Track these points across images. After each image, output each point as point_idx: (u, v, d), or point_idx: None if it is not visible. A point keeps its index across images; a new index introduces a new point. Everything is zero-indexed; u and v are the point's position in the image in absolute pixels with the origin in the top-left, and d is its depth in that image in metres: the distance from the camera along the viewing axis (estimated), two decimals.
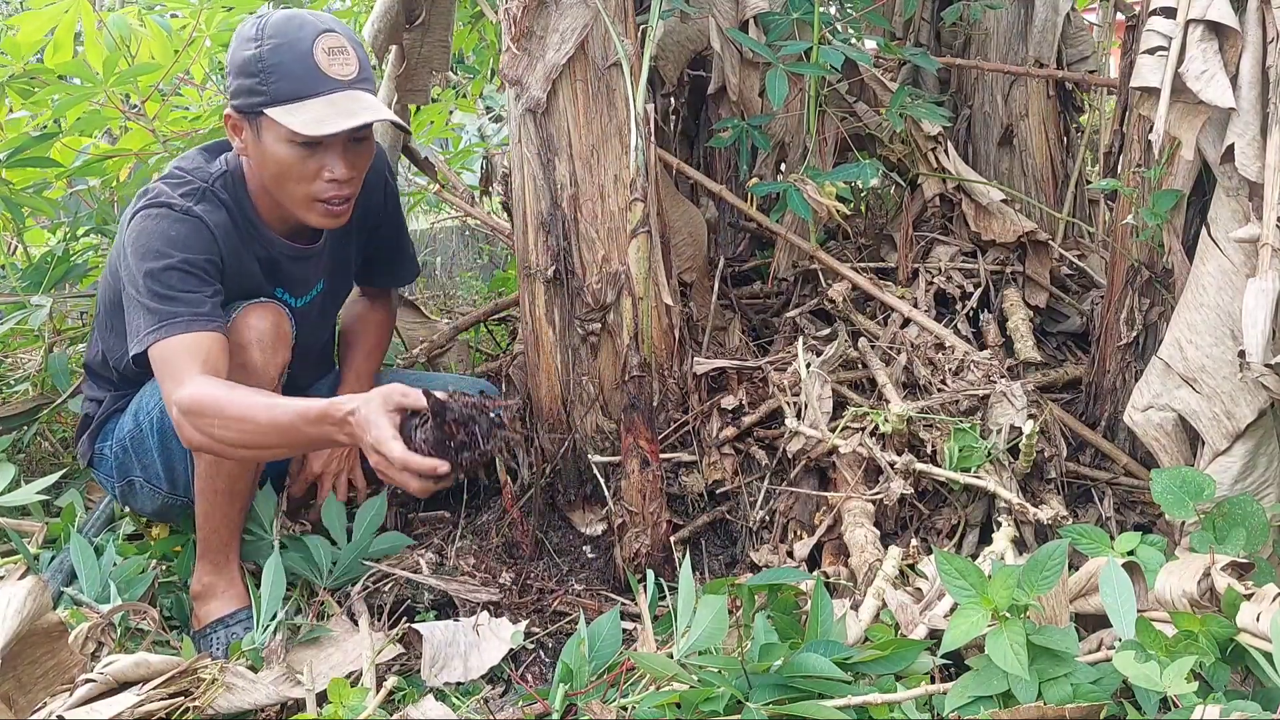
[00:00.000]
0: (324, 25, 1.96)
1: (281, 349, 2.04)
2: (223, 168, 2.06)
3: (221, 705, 1.62)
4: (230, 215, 2.03)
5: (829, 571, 1.98)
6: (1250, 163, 1.73)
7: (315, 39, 1.93)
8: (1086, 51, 2.97)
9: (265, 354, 2.00)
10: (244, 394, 1.81)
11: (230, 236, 2.02)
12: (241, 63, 1.94)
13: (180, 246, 1.93)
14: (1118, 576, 1.57)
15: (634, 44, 2.18)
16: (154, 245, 1.92)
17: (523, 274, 2.32)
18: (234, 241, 2.03)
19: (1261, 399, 1.78)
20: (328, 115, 1.91)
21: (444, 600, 2.08)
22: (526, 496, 2.29)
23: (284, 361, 2.05)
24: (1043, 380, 2.48)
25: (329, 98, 1.93)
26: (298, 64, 1.92)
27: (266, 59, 1.91)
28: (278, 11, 1.98)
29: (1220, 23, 1.73)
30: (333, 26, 1.98)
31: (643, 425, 2.05)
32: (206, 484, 2.04)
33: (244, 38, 1.95)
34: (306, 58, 1.92)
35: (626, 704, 1.59)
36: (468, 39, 3.97)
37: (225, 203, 2.03)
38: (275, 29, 1.93)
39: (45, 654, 1.55)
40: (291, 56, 1.92)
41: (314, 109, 1.92)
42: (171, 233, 1.93)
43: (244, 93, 1.95)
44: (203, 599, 2.05)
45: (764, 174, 2.78)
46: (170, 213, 1.95)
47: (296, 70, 1.92)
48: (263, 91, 1.92)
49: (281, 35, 1.92)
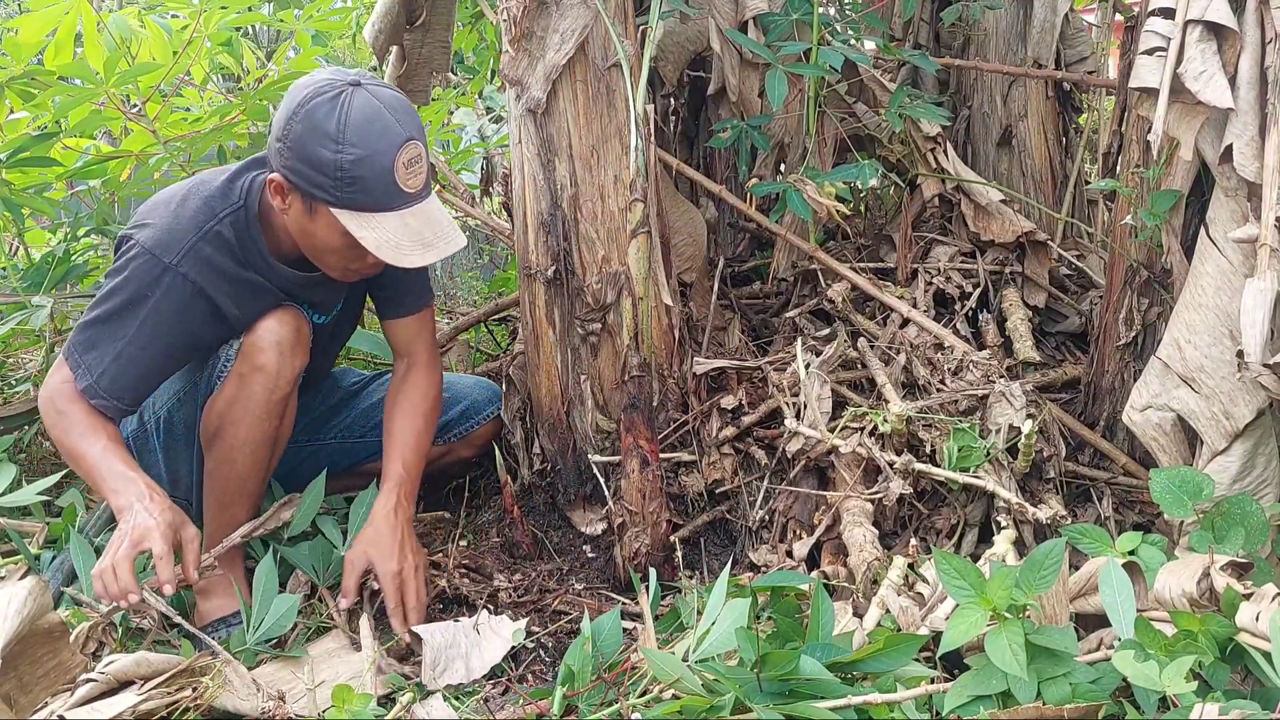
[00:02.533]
0: (407, 133, 1.85)
1: (300, 353, 2.03)
2: (238, 203, 1.98)
3: (223, 703, 1.63)
4: (233, 254, 1.98)
5: (828, 571, 1.98)
6: (1249, 163, 1.73)
7: (398, 152, 1.83)
8: (1085, 52, 2.97)
9: (283, 358, 1.99)
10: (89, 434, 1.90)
11: (227, 274, 1.97)
12: (314, 159, 1.83)
13: (151, 313, 1.92)
14: (1117, 576, 1.58)
15: (634, 45, 2.18)
16: (128, 290, 1.92)
17: (523, 274, 2.32)
18: (233, 275, 1.98)
19: (1260, 399, 1.79)
20: (403, 241, 1.86)
21: (445, 599, 2.09)
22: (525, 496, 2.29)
23: (302, 365, 2.04)
24: (1042, 380, 2.48)
25: (401, 214, 1.87)
26: (378, 181, 1.83)
27: (347, 169, 1.82)
28: (357, 103, 1.83)
29: (1219, 23, 1.74)
30: (413, 134, 1.87)
31: (643, 425, 2.05)
32: (215, 485, 2.05)
33: (319, 130, 1.82)
34: (388, 174, 1.83)
35: (632, 704, 1.60)
36: (468, 39, 3.97)
37: (229, 242, 1.96)
38: (358, 134, 1.81)
39: (46, 654, 1.55)
40: (374, 173, 1.83)
41: (387, 226, 1.86)
42: (147, 292, 1.92)
43: (308, 182, 1.85)
44: (205, 598, 2.05)
45: (764, 174, 2.78)
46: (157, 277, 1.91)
47: (376, 187, 1.84)
48: (335, 195, 1.84)
49: (365, 146, 1.81)
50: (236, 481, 2.03)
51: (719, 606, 1.62)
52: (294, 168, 1.86)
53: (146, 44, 2.94)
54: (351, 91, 1.85)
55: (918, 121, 2.66)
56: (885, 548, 2.03)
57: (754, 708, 1.49)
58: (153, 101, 2.92)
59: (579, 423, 2.30)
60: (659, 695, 1.60)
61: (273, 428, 2.03)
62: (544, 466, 2.38)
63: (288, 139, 1.85)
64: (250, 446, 2.01)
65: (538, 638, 1.97)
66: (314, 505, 2.15)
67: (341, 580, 2.02)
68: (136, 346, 1.92)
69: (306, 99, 1.84)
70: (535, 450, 2.40)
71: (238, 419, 1.99)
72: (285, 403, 2.04)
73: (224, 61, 3.36)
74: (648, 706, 1.58)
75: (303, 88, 1.87)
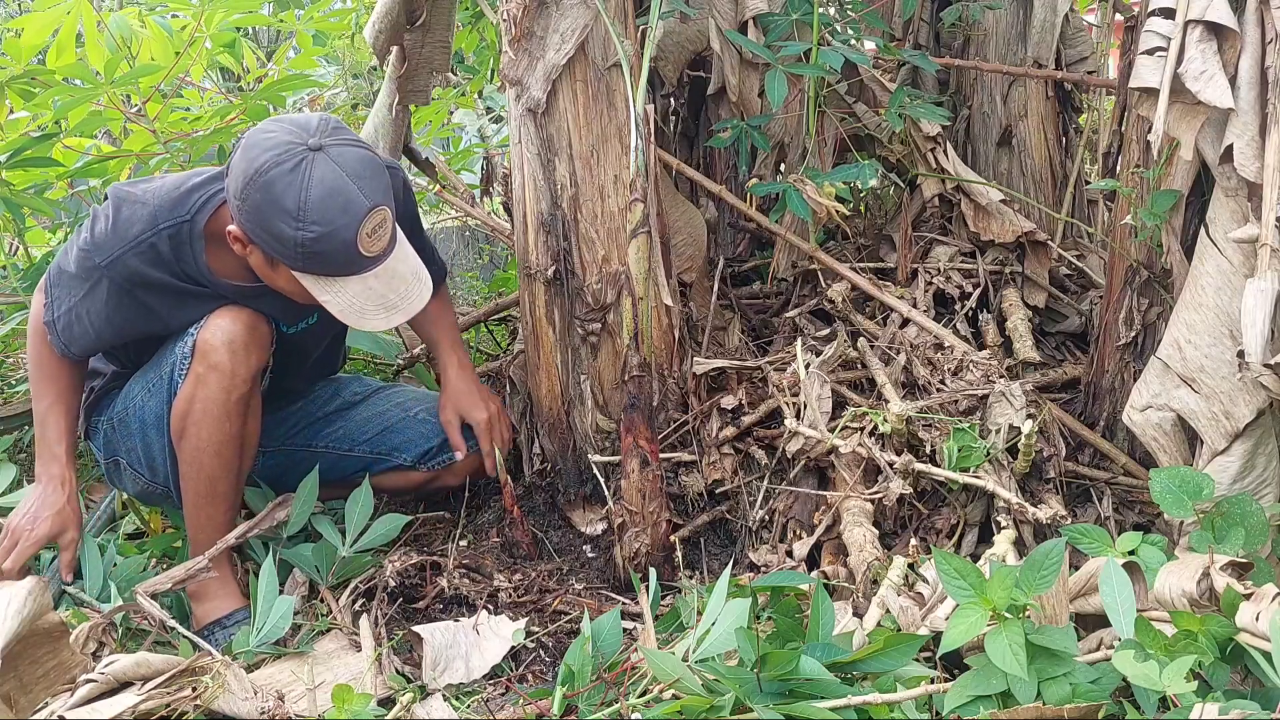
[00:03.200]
0: (370, 202, 1.80)
1: (256, 351, 2.00)
2: (183, 217, 1.95)
3: (221, 706, 1.63)
4: (167, 267, 1.97)
5: (828, 571, 1.98)
6: (1249, 163, 1.73)
7: (360, 224, 1.79)
8: (1085, 52, 2.97)
9: (236, 356, 1.97)
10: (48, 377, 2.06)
11: (156, 284, 1.98)
12: (273, 231, 1.79)
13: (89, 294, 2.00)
14: (1117, 576, 1.58)
15: (634, 44, 2.18)
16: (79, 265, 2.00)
17: (523, 274, 2.32)
18: (163, 285, 1.98)
19: (1260, 399, 1.79)
20: (366, 305, 1.87)
21: (445, 599, 2.09)
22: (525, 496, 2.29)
23: (259, 363, 2.02)
24: (1041, 380, 2.48)
25: (363, 278, 1.86)
26: (340, 253, 1.81)
27: (307, 246, 1.79)
28: (318, 175, 1.78)
29: (1219, 23, 1.73)
30: (378, 199, 1.82)
31: (643, 425, 2.05)
32: (187, 485, 2.05)
33: (278, 205, 1.77)
34: (350, 247, 1.80)
35: (631, 704, 1.60)
36: (468, 39, 3.97)
37: (162, 256, 1.95)
38: (320, 212, 1.77)
39: (47, 654, 1.55)
40: (335, 246, 1.80)
41: (350, 291, 1.86)
42: (85, 277, 1.99)
43: (268, 247, 1.83)
44: (199, 600, 2.05)
45: (763, 174, 2.78)
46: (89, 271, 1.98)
47: (338, 258, 1.82)
48: (293, 261, 1.83)
49: (326, 223, 1.77)
50: (206, 483, 2.03)
51: (719, 606, 1.62)
52: (253, 231, 1.84)
53: (147, 44, 2.94)
54: (312, 160, 1.79)
55: (918, 121, 2.66)
56: (885, 548, 2.03)
57: (754, 708, 1.49)
58: (153, 101, 2.92)
59: (579, 423, 2.30)
60: (659, 695, 1.60)
61: (235, 428, 2.01)
62: (544, 466, 2.38)
63: (246, 205, 1.81)
64: (214, 447, 2.00)
65: (538, 638, 1.97)
66: (309, 504, 2.15)
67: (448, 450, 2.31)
68: (82, 310, 2.02)
69: (265, 168, 1.78)
70: (535, 450, 2.40)
71: (199, 420, 1.99)
72: (245, 403, 2.01)
73: (225, 62, 3.36)
74: (648, 706, 1.59)
75: (260, 149, 1.80)
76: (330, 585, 2.09)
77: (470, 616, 1.98)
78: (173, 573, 1.97)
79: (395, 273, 1.90)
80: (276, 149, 1.80)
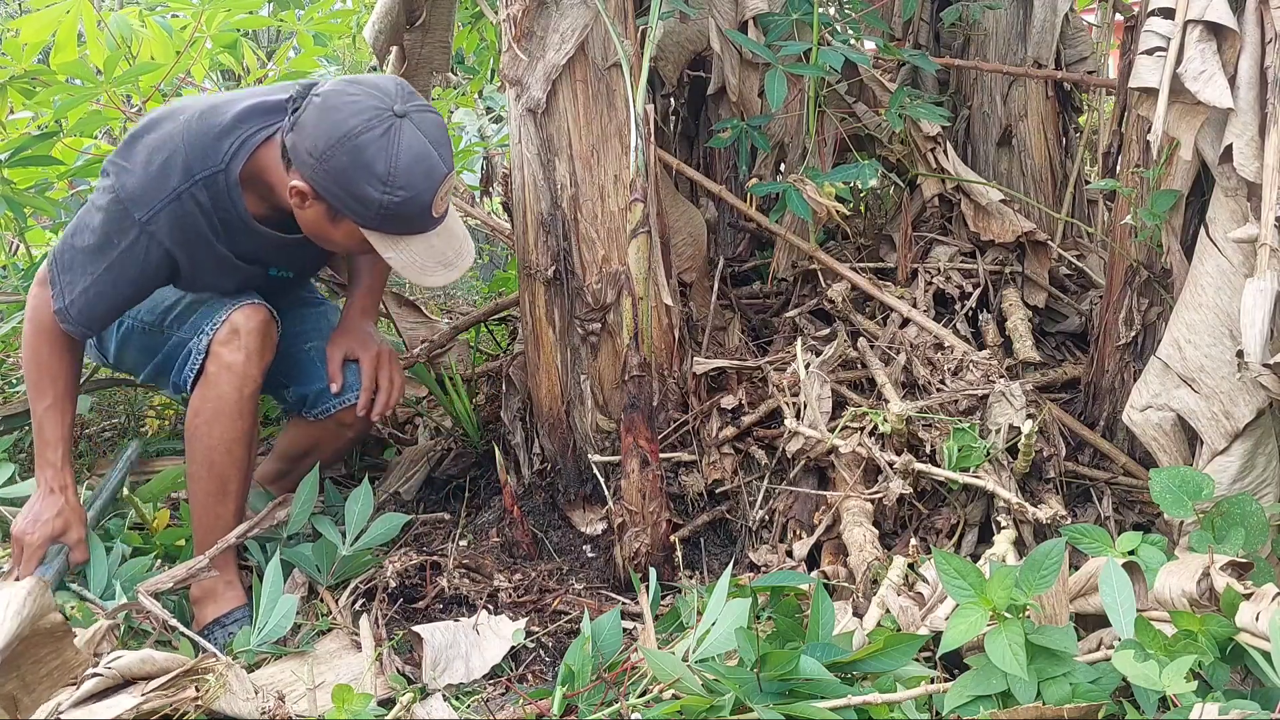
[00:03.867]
0: (447, 167, 1.89)
1: (268, 351, 2.07)
2: (218, 166, 1.95)
3: (223, 706, 1.63)
4: (207, 218, 1.99)
5: (828, 571, 1.98)
6: (1248, 163, 1.73)
7: (438, 189, 1.88)
8: (1085, 52, 2.97)
9: (250, 358, 2.03)
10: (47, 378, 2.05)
11: (194, 239, 1.99)
12: (357, 193, 1.85)
13: (118, 259, 1.97)
14: (1117, 576, 1.58)
15: (634, 44, 2.18)
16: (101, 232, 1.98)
17: (523, 274, 2.32)
18: (200, 241, 2.00)
19: (1260, 399, 1.79)
20: (428, 262, 1.93)
21: (445, 599, 2.09)
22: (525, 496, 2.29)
23: (269, 361, 2.08)
24: (1041, 380, 2.48)
25: (428, 236, 1.92)
26: (417, 215, 1.89)
27: (389, 209, 1.85)
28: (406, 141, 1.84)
29: (1218, 23, 1.74)
30: (450, 165, 1.91)
31: (643, 425, 2.05)
32: (198, 485, 2.06)
33: (368, 169, 1.82)
34: (427, 210, 1.89)
35: (631, 704, 1.60)
36: (468, 39, 3.97)
37: (202, 206, 1.97)
38: (407, 178, 1.84)
39: (49, 654, 1.55)
40: (414, 210, 1.87)
41: (415, 249, 1.92)
42: (116, 239, 1.97)
43: (343, 205, 1.87)
44: (200, 602, 2.05)
45: (763, 174, 2.79)
46: (125, 228, 1.95)
47: (414, 219, 1.89)
48: (370, 221, 1.88)
49: (411, 188, 1.84)
50: (218, 481, 2.05)
51: (719, 606, 1.62)
52: (329, 190, 1.87)
53: (147, 43, 2.95)
54: (399, 127, 1.85)
55: (918, 121, 2.66)
56: (885, 548, 2.03)
57: (754, 708, 1.49)
58: (153, 101, 2.92)
59: (579, 423, 2.30)
60: (659, 695, 1.60)
61: (247, 424, 2.06)
62: (544, 466, 2.38)
63: (328, 165, 1.85)
64: (226, 445, 2.03)
65: (538, 638, 1.97)
66: (309, 504, 2.15)
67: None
68: (105, 284, 2.00)
69: (354, 131, 1.83)
70: (535, 450, 2.40)
71: (211, 418, 2.02)
72: (255, 399, 2.07)
73: (225, 62, 3.36)
74: (648, 706, 1.59)
75: (347, 113, 1.84)
76: (330, 585, 2.09)
77: (470, 616, 1.98)
78: (174, 572, 1.97)
79: (453, 232, 1.98)
80: (364, 114, 1.84)
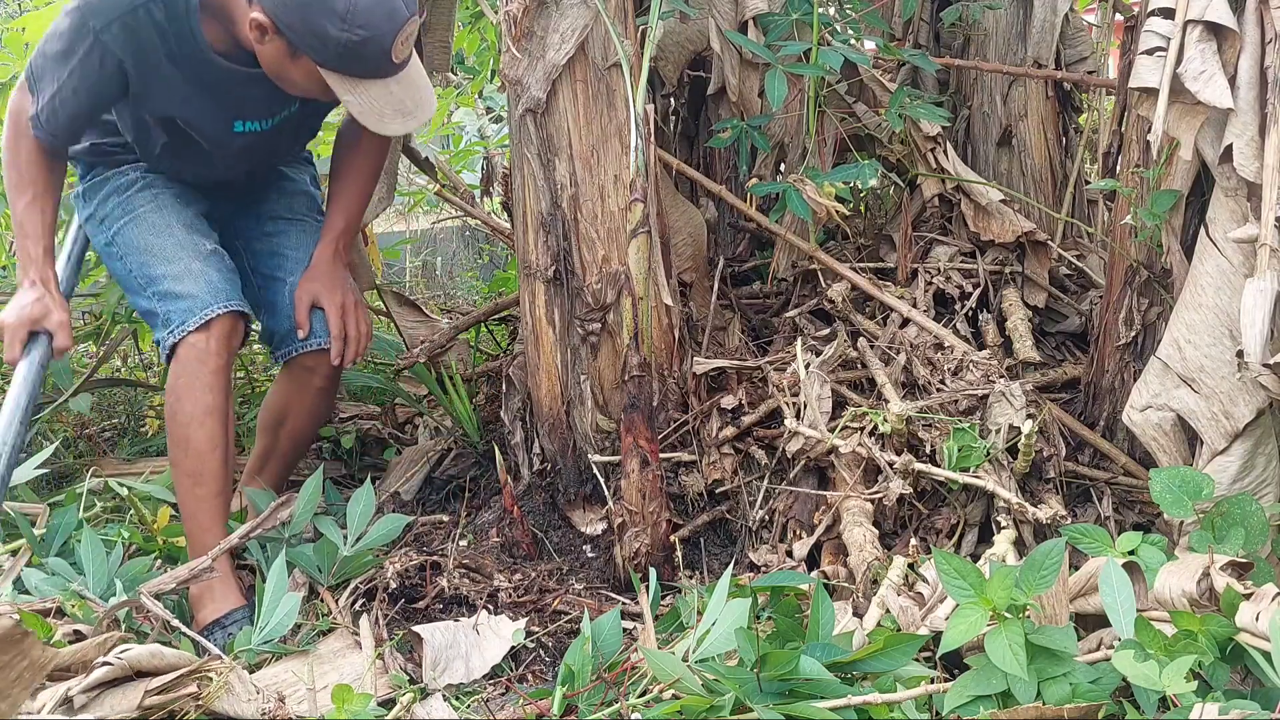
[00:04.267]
0: (409, 12, 1.91)
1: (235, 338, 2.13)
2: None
3: (223, 706, 1.62)
4: (163, 38, 1.99)
5: (828, 571, 1.98)
6: (1248, 163, 1.73)
7: (399, 31, 1.89)
8: (1085, 52, 2.97)
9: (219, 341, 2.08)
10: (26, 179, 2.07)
11: (148, 58, 2.00)
12: (316, 29, 1.86)
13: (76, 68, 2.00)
14: (1117, 576, 1.58)
15: (634, 44, 2.18)
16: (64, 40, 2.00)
17: (523, 274, 2.32)
18: (154, 61, 2.00)
19: (1260, 399, 1.79)
20: (386, 109, 1.95)
21: (445, 599, 2.09)
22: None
23: (236, 346, 2.15)
24: (1041, 380, 2.48)
25: (387, 82, 1.94)
26: (376, 57, 1.91)
27: (348, 48, 1.87)
28: None
29: (1218, 23, 1.74)
30: (414, 10, 1.92)
31: (643, 425, 2.05)
32: (178, 470, 2.09)
33: (327, 5, 1.85)
34: (386, 53, 1.90)
35: (631, 704, 1.60)
36: (468, 39, 3.97)
37: (157, 22, 1.96)
38: (367, 16, 1.86)
39: (14, 657, 1.50)
40: (373, 51, 1.89)
41: (373, 94, 1.94)
42: (75, 48, 1.98)
43: (301, 41, 1.89)
44: (199, 604, 2.04)
45: (763, 174, 2.78)
46: (83, 35, 1.96)
47: (372, 61, 1.91)
48: (328, 59, 1.90)
49: (371, 28, 1.87)
50: (195, 459, 2.07)
51: (719, 606, 1.62)
52: (289, 23, 1.89)
53: None
54: None
55: (918, 121, 2.66)
56: (885, 548, 2.03)
57: (754, 708, 1.49)
58: None
59: (579, 423, 2.30)
60: (659, 695, 1.60)
61: (217, 400, 2.08)
62: (544, 466, 2.38)
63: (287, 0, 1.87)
64: (198, 419, 2.07)
65: (538, 638, 1.97)
66: (311, 504, 2.15)
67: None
68: (67, 91, 2.03)
69: None
70: (535, 450, 2.40)
71: (182, 394, 2.07)
72: (224, 374, 2.11)
73: None
74: (648, 706, 1.59)
75: None
76: (330, 585, 2.09)
77: (470, 616, 1.98)
78: (176, 573, 1.97)
79: (413, 81, 1.99)
80: None
